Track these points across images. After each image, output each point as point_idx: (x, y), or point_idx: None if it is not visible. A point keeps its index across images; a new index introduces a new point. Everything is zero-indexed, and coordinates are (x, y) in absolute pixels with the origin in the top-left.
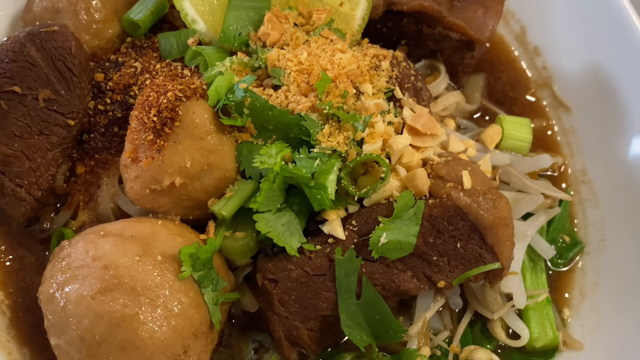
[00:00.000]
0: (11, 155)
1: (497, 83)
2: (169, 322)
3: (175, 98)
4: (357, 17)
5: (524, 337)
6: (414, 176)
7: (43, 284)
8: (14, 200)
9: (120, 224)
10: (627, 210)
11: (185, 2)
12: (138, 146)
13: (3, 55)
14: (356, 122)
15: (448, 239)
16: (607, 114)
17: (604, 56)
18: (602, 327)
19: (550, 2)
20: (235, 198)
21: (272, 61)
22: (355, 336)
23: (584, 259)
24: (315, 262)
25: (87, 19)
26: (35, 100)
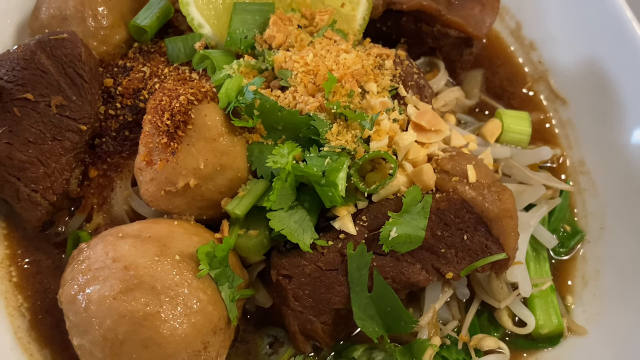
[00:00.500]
0: (26, 161)
1: (495, 78)
2: (189, 320)
3: (187, 102)
4: (358, 18)
5: (530, 325)
6: (421, 171)
7: (63, 287)
8: (30, 205)
9: (138, 225)
10: (625, 198)
11: (192, 7)
12: (152, 149)
13: (14, 64)
14: (363, 120)
15: (455, 232)
16: (603, 106)
17: (599, 49)
18: (604, 312)
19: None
20: (248, 197)
21: (279, 63)
22: (367, 328)
23: (585, 247)
24: (328, 257)
25: (94, 26)
26: (48, 106)
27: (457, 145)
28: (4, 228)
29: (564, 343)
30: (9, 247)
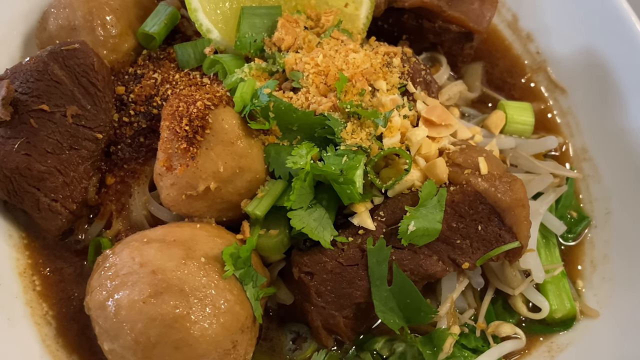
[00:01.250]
0: (45, 171)
1: (495, 70)
2: (218, 320)
3: (204, 107)
4: (362, 17)
5: (544, 310)
6: (434, 165)
7: (91, 293)
8: (50, 214)
9: (161, 230)
10: (628, 182)
11: (200, 13)
12: (171, 155)
13: (28, 75)
14: (377, 118)
15: (470, 223)
16: (602, 93)
17: (595, 37)
18: (615, 294)
19: None
20: (267, 198)
21: (290, 65)
22: (388, 320)
23: (592, 232)
24: (348, 253)
25: (104, 35)
26: (64, 116)
27: (463, 138)
28: (24, 238)
29: (577, 326)
30: (31, 256)
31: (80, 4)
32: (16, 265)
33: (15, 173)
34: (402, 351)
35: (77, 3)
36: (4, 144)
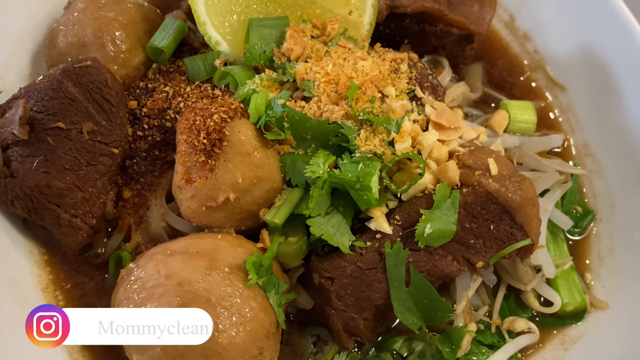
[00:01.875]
0: (64, 188)
1: (495, 70)
2: (245, 327)
3: (221, 119)
4: (365, 23)
5: (556, 304)
6: (446, 168)
7: (118, 306)
8: (71, 230)
9: (183, 241)
10: (631, 175)
11: (208, 26)
12: (190, 168)
13: (42, 94)
14: (389, 124)
15: (482, 223)
16: (600, 89)
17: (591, 34)
18: (623, 286)
19: None
20: (285, 206)
21: (301, 75)
22: (407, 320)
23: (597, 225)
24: (367, 257)
25: (114, 50)
26: (80, 133)
27: (468, 139)
28: (45, 254)
29: (588, 318)
30: (52, 272)
31: (90, 21)
32: (38, 282)
33: (35, 191)
34: (420, 350)
35: (86, 20)
36: (22, 162)
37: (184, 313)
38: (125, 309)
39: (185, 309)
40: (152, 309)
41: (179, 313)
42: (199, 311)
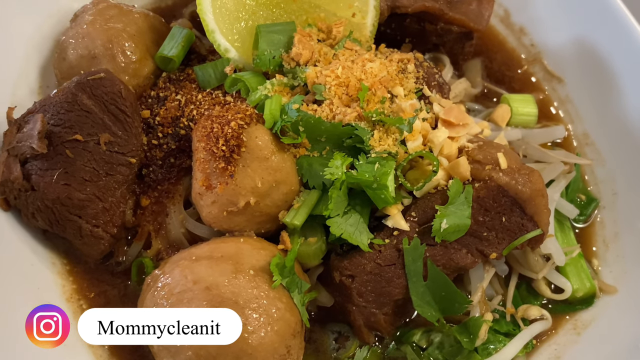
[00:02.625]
0: (85, 199)
1: (493, 64)
2: (272, 327)
3: (238, 126)
4: (368, 25)
5: (567, 290)
6: (458, 164)
7: None
8: (93, 240)
9: (207, 246)
10: (631, 162)
11: (217, 34)
12: (210, 174)
13: (58, 107)
14: (401, 124)
15: (494, 215)
16: (596, 79)
17: (584, 25)
18: (629, 270)
19: None
20: (304, 208)
21: (312, 79)
22: (426, 313)
23: (601, 213)
24: (385, 254)
25: (124, 61)
26: (97, 144)
27: (472, 134)
28: (66, 264)
29: (598, 303)
30: (75, 282)
31: (99, 33)
32: (62, 292)
33: (56, 203)
34: (439, 341)
35: (96, 32)
36: (42, 176)
37: (213, 313)
38: (152, 309)
39: (213, 309)
40: (177, 308)
41: (208, 313)
42: (227, 311)
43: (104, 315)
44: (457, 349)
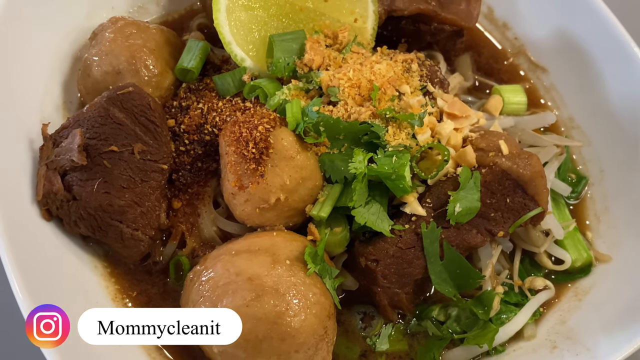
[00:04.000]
0: (124, 205)
1: (482, 58)
2: (311, 311)
3: (265, 130)
4: (369, 29)
5: (567, 261)
6: (465, 153)
7: (193, 306)
8: (133, 242)
9: (243, 241)
10: (614, 141)
11: (233, 45)
12: (241, 175)
13: (92, 122)
14: (412, 120)
15: (500, 197)
16: (578, 66)
17: (564, 17)
18: (621, 239)
19: None
20: (329, 201)
21: (326, 82)
22: (444, 290)
23: (591, 189)
24: (405, 238)
25: (147, 75)
26: (131, 154)
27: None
28: (107, 267)
29: (595, 271)
30: (117, 282)
31: (122, 50)
32: (107, 293)
33: (98, 211)
34: (456, 314)
35: (118, 49)
36: (83, 186)
37: (213, 313)
38: (152, 309)
39: (213, 309)
40: (188, 309)
41: (208, 313)
42: (227, 311)
43: (104, 315)
44: (473, 321)
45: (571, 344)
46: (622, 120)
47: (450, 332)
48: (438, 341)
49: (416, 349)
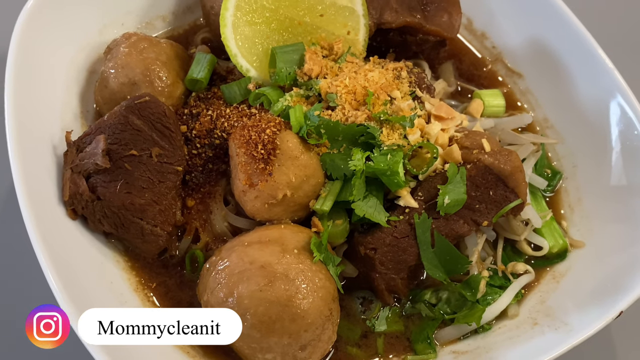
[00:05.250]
0: (144, 203)
1: (463, 65)
2: (318, 294)
3: (272, 133)
4: (361, 40)
5: (545, 248)
6: (451, 151)
7: (210, 293)
8: (153, 237)
9: (255, 234)
10: (585, 138)
11: (239, 57)
12: (251, 174)
13: (113, 128)
14: (404, 122)
15: (484, 190)
16: (550, 71)
17: (536, 27)
18: (593, 227)
19: None
20: (330, 196)
21: (325, 89)
22: (435, 274)
23: (565, 182)
24: (400, 228)
25: (160, 85)
26: (150, 157)
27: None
28: (127, 261)
29: (570, 256)
30: (137, 275)
31: (137, 63)
32: (129, 284)
33: (121, 209)
34: (447, 297)
35: (134, 62)
36: (107, 187)
37: (213, 313)
38: (152, 309)
39: (213, 309)
40: (188, 309)
41: (208, 313)
42: (227, 311)
43: (104, 315)
44: (462, 302)
45: (550, 321)
46: (591, 119)
47: (442, 313)
48: (431, 321)
49: (411, 329)
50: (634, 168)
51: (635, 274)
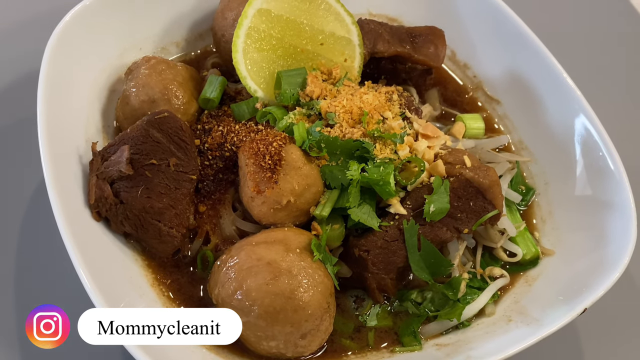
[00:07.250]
0: (162, 207)
1: (447, 92)
2: (317, 289)
3: (278, 146)
4: (356, 67)
5: (519, 255)
6: (437, 165)
7: (220, 287)
8: (169, 239)
9: (261, 235)
10: (556, 159)
11: (248, 80)
12: (259, 182)
13: (136, 140)
14: (395, 138)
15: (465, 201)
16: (526, 98)
17: (512, 59)
18: (562, 237)
19: (467, 30)
20: (329, 203)
21: (324, 109)
22: (421, 275)
23: (538, 198)
24: (390, 232)
25: (177, 103)
26: (168, 166)
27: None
28: (145, 260)
29: (541, 262)
30: (153, 272)
31: (157, 82)
32: (147, 280)
33: (142, 212)
34: (431, 297)
35: (153, 82)
36: (129, 192)
37: (213, 313)
38: (152, 309)
39: (213, 309)
40: (188, 309)
41: (208, 313)
42: (227, 311)
43: (104, 315)
44: (444, 301)
45: (523, 318)
46: (561, 141)
47: (427, 311)
48: (417, 318)
49: (399, 324)
50: (598, 185)
51: (598, 276)
